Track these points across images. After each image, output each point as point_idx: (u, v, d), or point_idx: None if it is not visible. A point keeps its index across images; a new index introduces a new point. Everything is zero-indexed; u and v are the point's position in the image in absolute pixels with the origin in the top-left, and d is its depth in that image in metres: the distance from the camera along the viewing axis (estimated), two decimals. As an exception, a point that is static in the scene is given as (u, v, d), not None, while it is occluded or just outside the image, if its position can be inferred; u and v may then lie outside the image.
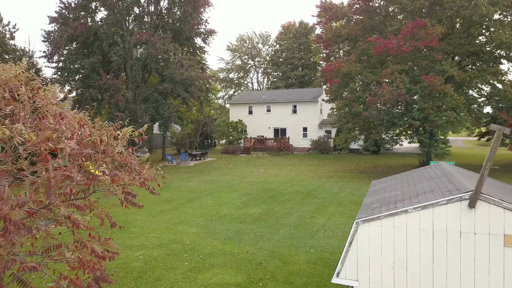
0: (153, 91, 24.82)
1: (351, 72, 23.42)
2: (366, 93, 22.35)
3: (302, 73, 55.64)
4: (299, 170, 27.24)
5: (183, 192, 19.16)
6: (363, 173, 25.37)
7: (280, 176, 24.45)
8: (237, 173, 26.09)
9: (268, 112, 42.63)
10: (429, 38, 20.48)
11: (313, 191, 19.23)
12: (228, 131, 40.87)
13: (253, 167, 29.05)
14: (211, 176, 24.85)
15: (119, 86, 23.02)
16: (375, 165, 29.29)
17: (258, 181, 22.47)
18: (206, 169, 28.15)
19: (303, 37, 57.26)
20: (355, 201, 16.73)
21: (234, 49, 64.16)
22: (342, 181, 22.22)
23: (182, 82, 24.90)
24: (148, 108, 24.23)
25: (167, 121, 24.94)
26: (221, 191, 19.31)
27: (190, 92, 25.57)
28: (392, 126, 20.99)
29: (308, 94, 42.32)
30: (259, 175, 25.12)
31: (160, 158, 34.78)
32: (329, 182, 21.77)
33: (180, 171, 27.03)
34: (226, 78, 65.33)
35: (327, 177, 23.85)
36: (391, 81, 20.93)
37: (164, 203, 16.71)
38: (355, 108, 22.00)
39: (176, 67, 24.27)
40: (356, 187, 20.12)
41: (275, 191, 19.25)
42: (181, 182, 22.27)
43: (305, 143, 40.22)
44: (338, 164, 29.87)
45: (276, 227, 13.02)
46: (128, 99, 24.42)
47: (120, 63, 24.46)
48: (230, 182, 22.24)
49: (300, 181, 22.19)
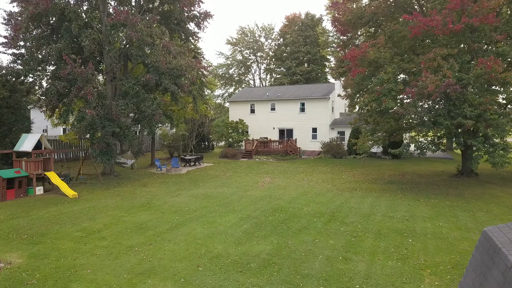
0: (134, 83, 20.26)
1: (379, 60, 18.81)
2: (399, 85, 17.74)
3: (309, 69, 50.97)
4: (313, 179, 22.63)
5: (165, 214, 14.57)
6: (391, 184, 20.76)
7: (291, 188, 19.85)
8: (237, 183, 21.51)
9: (272, 111, 38.02)
10: (484, 13, 15.88)
11: (337, 211, 14.63)
12: (228, 132, 36.27)
13: (256, 175, 24.46)
14: (205, 187, 20.26)
15: (88, 76, 18.41)
16: (401, 172, 24.66)
17: (264, 195, 17.89)
18: (200, 178, 23.56)
19: (309, 29, 52.60)
20: (398, 230, 12.13)
21: (235, 43, 59.51)
22: (370, 195, 17.62)
23: (170, 73, 20.31)
24: (128, 104, 19.66)
25: (151, 120, 20.34)
26: (216, 212, 14.72)
27: (180, 84, 20.95)
28: (435, 126, 16.35)
29: (318, 90, 37.69)
30: (264, 186, 20.53)
31: (149, 163, 30.23)
32: (354, 198, 17.16)
33: (168, 181, 22.43)
34: (226, 75, 60.69)
35: (349, 189, 19.24)
36: (434, 69, 16.30)
37: (136, 233, 12.12)
38: (385, 103, 17.41)
39: (161, 53, 19.68)
40: (391, 206, 15.52)
41: (287, 211, 14.66)
42: (166, 197, 17.68)
43: (314, 146, 35.60)
44: (357, 172, 25.26)
45: (295, 282, 8.43)
46: (102, 93, 19.82)
47: (94, 49, 19.87)
48: (229, 197, 17.65)
49: (317, 196, 17.60)
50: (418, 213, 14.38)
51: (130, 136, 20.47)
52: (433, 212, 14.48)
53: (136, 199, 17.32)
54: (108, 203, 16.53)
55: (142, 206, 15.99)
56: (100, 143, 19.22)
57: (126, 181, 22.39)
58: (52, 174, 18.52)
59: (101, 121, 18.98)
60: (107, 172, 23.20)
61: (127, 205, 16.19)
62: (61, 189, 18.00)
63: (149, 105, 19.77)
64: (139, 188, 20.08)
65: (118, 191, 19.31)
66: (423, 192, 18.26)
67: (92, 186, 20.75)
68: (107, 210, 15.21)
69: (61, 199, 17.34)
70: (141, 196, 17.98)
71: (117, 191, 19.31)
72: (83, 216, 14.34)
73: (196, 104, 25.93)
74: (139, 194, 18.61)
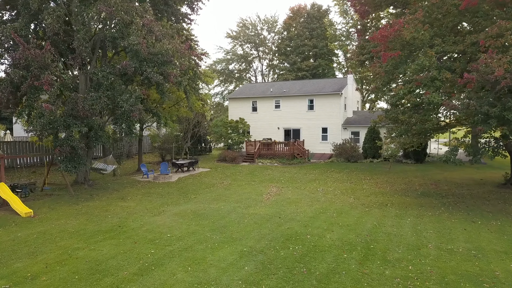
0: (109, 72, 16.38)
1: (415, 41, 14.88)
2: (445, 72, 13.78)
3: (315, 64, 46.98)
4: (328, 189, 18.68)
5: (138, 244, 10.64)
6: (427, 196, 16.81)
7: (304, 202, 15.91)
8: (237, 195, 17.58)
9: (277, 109, 34.07)
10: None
11: (372, 240, 10.68)
12: (227, 132, 32.32)
13: (260, 184, 20.53)
14: (197, 201, 16.34)
15: (45, 61, 14.51)
16: (433, 181, 20.68)
17: (271, 214, 13.96)
18: (192, 188, 19.63)
19: (315, 21, 48.66)
20: (471, 276, 8.20)
21: (235, 36, 55.51)
22: (407, 214, 13.68)
23: (153, 59, 16.42)
24: (101, 98, 15.75)
25: (129, 117, 16.38)
26: (208, 242, 10.79)
27: (165, 73, 17.02)
28: (501, 124, 12.35)
29: (328, 85, 33.72)
30: (270, 199, 16.60)
31: (136, 168, 26.30)
32: (389, 218, 13.21)
33: (153, 192, 18.50)
34: (225, 71, 56.71)
35: (378, 204, 15.29)
36: (499, 48, 12.33)
37: (86, 281, 8.19)
38: (427, 96, 13.46)
39: (141, 34, 15.78)
40: (441, 231, 11.58)
41: (304, 241, 10.73)
42: (145, 217, 13.75)
43: (325, 148, 31.63)
44: (379, 180, 21.29)
45: None
46: (67, 83, 15.89)
47: (59, 30, 15.96)
48: (225, 216, 13.72)
49: (339, 215, 13.65)
50: (484, 243, 10.44)
51: (104, 137, 16.56)
52: (504, 242, 10.54)
53: (106, 220, 13.40)
54: (68, 226, 12.62)
55: (110, 230, 12.08)
56: (64, 146, 15.29)
57: (102, 192, 18.47)
58: (1, 186, 14.62)
59: (65, 118, 15.11)
60: (80, 181, 19.30)
61: (92, 229, 12.27)
62: (12, 205, 14.11)
63: (126, 99, 15.83)
64: (114, 203, 16.16)
65: (88, 207, 15.40)
66: (473, 209, 14.31)
67: (57, 199, 16.85)
68: (61, 238, 11.30)
69: (8, 219, 13.44)
70: (114, 215, 14.07)
71: (86, 207, 15.40)
72: (24, 248, 10.43)
73: (189, 99, 21.92)
74: (113, 211, 14.69)
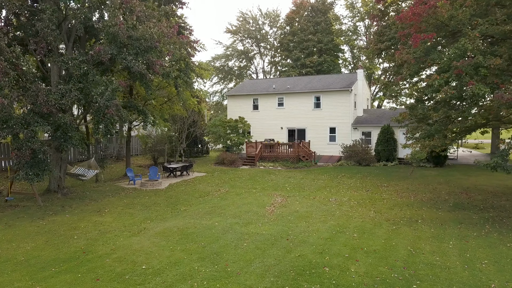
0: (81, 61, 13.70)
1: (451, 22, 12.14)
2: (490, 58, 11.05)
3: (320, 60, 44.19)
4: (342, 200, 15.93)
5: (101, 282, 7.93)
6: (462, 209, 14.07)
7: (315, 216, 13.17)
8: (235, 207, 14.86)
9: (280, 107, 31.34)
10: None
11: (413, 277, 7.96)
12: (225, 133, 29.60)
13: (262, 192, 17.80)
14: (186, 216, 13.61)
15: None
16: (461, 188, 17.92)
17: (276, 234, 11.24)
18: (183, 198, 16.92)
19: (320, 15, 45.91)
20: None
21: (235, 31, 52.72)
22: (447, 235, 10.96)
23: (134, 45, 13.72)
24: (71, 91, 13.07)
25: (104, 115, 13.63)
26: (194, 278, 8.08)
27: (150, 62, 14.30)
28: None
29: (337, 81, 30.96)
30: (275, 212, 13.87)
31: (124, 173, 23.60)
32: (425, 241, 10.48)
33: (137, 203, 15.77)
34: (224, 67, 53.95)
35: (406, 220, 12.55)
36: None
37: None
38: (471, 86, 10.75)
39: (118, 13, 13.09)
40: (498, 261, 8.89)
41: (322, 277, 8.01)
42: (120, 238, 11.03)
43: (333, 150, 28.89)
44: (398, 187, 18.54)
45: None
46: (26, 73, 13.17)
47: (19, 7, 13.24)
48: (220, 237, 11.00)
49: (362, 235, 10.92)
50: None
51: (76, 139, 13.86)
52: None
53: (70, 242, 10.70)
54: (19, 252, 9.93)
55: (71, 258, 9.38)
56: (23, 149, 12.60)
57: (77, 202, 15.77)
58: None
59: (25, 115, 12.44)
60: (53, 189, 16.61)
61: (48, 256, 9.57)
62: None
63: (101, 92, 13.11)
64: (87, 217, 13.45)
65: (54, 223, 12.70)
66: (527, 227, 11.60)
67: (21, 212, 14.15)
68: (1, 272, 8.60)
69: None
70: (83, 234, 11.36)
71: (51, 223, 12.70)
72: None
73: (180, 94, 19.14)
74: (82, 229, 11.99)
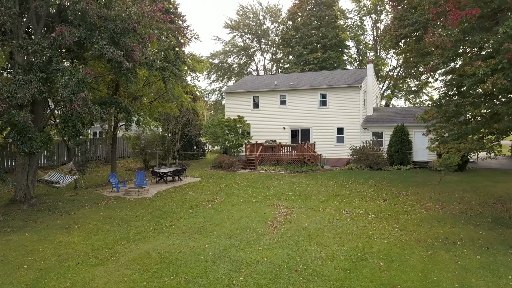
0: (44, 46, 11.35)
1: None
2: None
3: (325, 56, 41.77)
4: (358, 212, 13.49)
5: None
6: (506, 226, 11.66)
7: (328, 236, 10.74)
8: (231, 221, 12.43)
9: (282, 105, 28.93)
10: None
11: None
12: (223, 133, 27.19)
13: (262, 203, 15.37)
14: (171, 234, 11.19)
15: None
16: (493, 198, 15.48)
17: (280, 262, 8.82)
18: (171, 209, 14.50)
19: (324, 8, 43.48)
20: None
21: (234, 26, 50.29)
22: (501, 265, 8.56)
23: (108, 26, 11.35)
24: (31, 82, 10.72)
25: (68, 111, 11.20)
26: None
27: (126, 47, 11.90)
28: None
29: (344, 77, 28.54)
30: (279, 229, 11.44)
31: (108, 179, 21.19)
32: (475, 274, 8.07)
33: (115, 217, 13.35)
34: (224, 64, 51.51)
35: (442, 242, 10.11)
36: None
37: None
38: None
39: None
40: None
41: None
42: (80, 269, 8.61)
43: (341, 152, 26.47)
44: (420, 195, 16.11)
45: None
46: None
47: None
48: (209, 269, 8.58)
49: (390, 265, 8.50)
50: None
51: (37, 141, 11.47)
52: None
53: (15, 274, 8.30)
54: None
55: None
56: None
57: (44, 216, 13.37)
58: None
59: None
60: (19, 199, 14.21)
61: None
62: None
63: (65, 83, 10.73)
64: (51, 236, 11.05)
65: (6, 244, 10.30)
66: None
67: (-27, 228, 11.76)
68: None
69: None
70: (36, 262, 8.96)
71: (3, 244, 10.30)
72: None
73: (168, 87, 16.66)
74: (39, 253, 9.59)
